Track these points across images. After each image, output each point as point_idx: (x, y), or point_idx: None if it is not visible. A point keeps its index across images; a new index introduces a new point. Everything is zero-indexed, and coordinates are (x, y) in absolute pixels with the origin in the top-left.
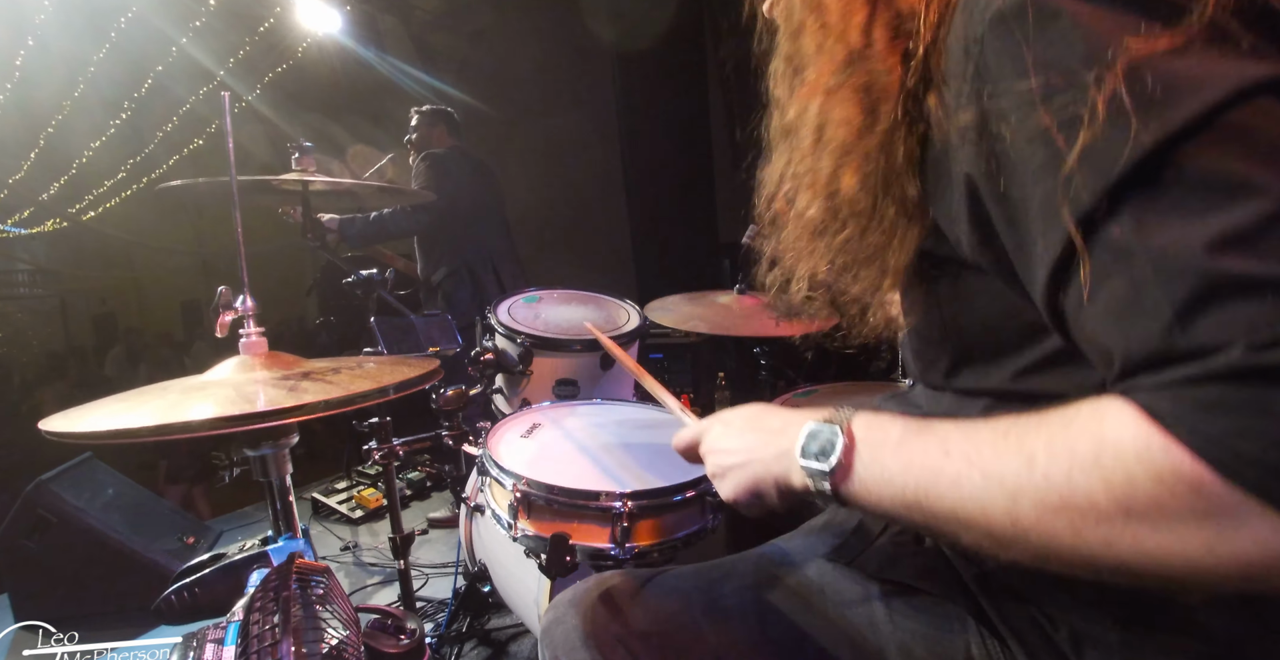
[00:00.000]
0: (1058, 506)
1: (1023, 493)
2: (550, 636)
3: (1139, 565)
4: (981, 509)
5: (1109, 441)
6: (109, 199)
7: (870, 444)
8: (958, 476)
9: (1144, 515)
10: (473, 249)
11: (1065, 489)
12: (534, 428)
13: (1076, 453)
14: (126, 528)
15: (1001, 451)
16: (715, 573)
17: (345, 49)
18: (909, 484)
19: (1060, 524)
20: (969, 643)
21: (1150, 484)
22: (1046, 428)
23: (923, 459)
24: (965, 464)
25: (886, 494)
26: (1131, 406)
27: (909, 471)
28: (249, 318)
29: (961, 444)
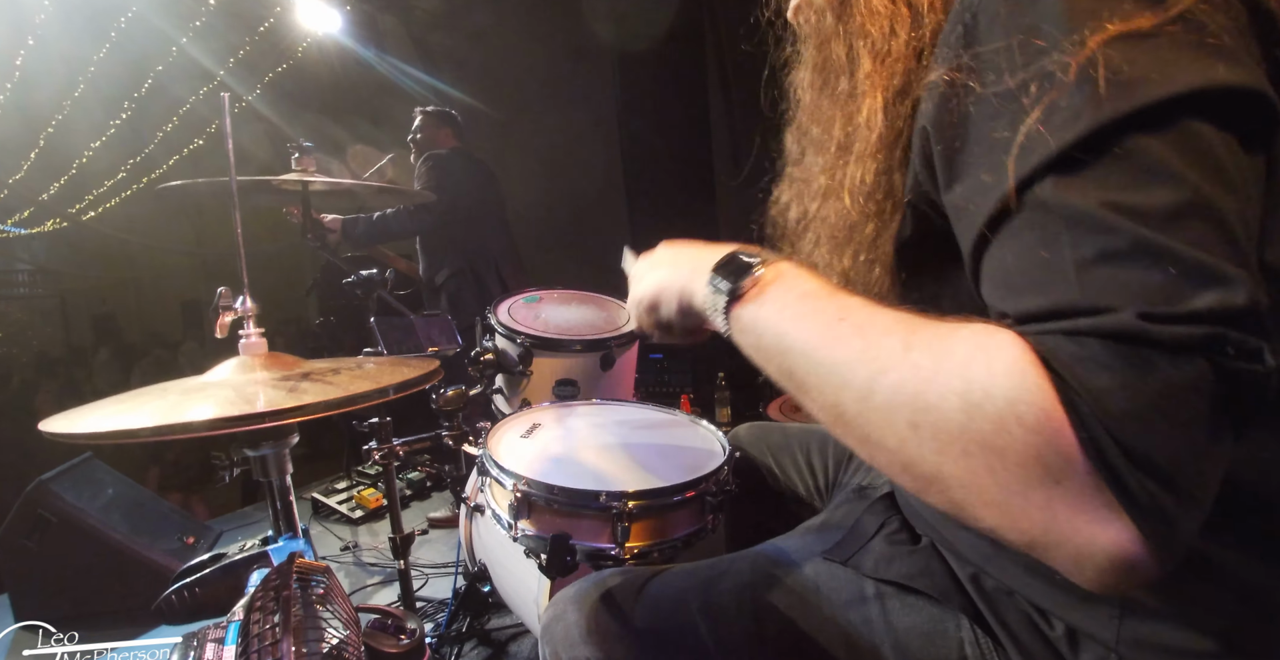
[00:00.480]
0: (909, 397)
1: (885, 374)
2: (551, 633)
3: (948, 485)
4: (842, 377)
5: (984, 356)
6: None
7: (781, 284)
8: (838, 339)
9: (980, 433)
10: (476, 250)
11: (926, 383)
12: (534, 428)
13: (952, 353)
14: (126, 528)
15: (888, 332)
16: (713, 571)
17: (345, 49)
18: (791, 331)
19: (900, 416)
20: (963, 641)
21: (1001, 404)
22: (940, 327)
23: (818, 316)
24: (853, 332)
25: (769, 332)
26: (1020, 339)
27: (798, 320)
28: (248, 318)
29: (860, 315)
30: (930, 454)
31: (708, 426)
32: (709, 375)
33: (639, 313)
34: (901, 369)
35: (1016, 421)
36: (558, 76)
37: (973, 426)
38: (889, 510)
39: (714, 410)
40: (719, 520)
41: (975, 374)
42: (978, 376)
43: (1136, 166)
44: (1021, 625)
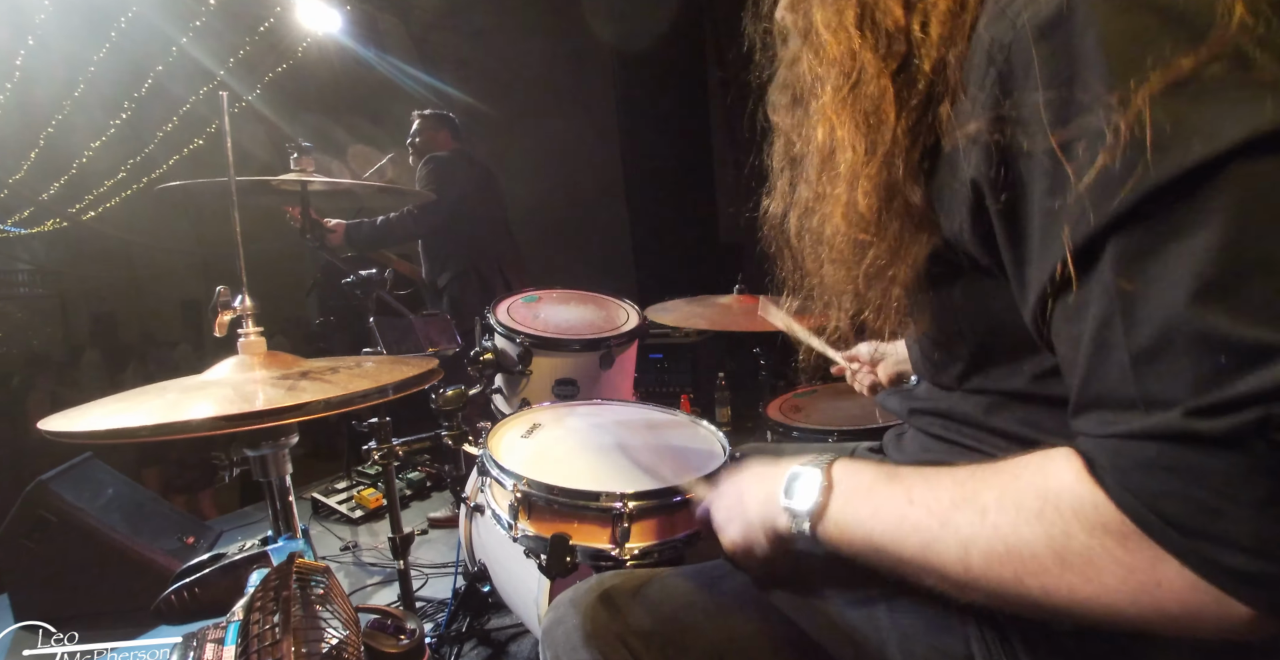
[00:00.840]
0: (1003, 556)
1: (974, 543)
2: (551, 637)
3: (1075, 611)
4: (938, 555)
5: (1051, 495)
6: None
7: (845, 488)
8: (918, 524)
9: (1077, 567)
10: (479, 251)
11: (1012, 540)
12: (534, 428)
13: (1023, 506)
14: (126, 528)
15: (958, 502)
16: (716, 572)
17: (345, 49)
18: (876, 528)
19: (1006, 572)
20: (969, 637)
21: (1084, 537)
22: (999, 479)
23: (889, 505)
24: (925, 513)
25: (857, 536)
26: (1075, 460)
27: (876, 517)
28: (247, 317)
29: (924, 493)
30: (1042, 596)
31: (708, 427)
32: (709, 375)
33: (731, 547)
34: (985, 537)
35: (1102, 551)
36: (558, 77)
37: (1071, 565)
38: None
39: (714, 410)
40: None
41: (1051, 521)
42: (1055, 523)
43: (1186, 234)
44: (1028, 620)
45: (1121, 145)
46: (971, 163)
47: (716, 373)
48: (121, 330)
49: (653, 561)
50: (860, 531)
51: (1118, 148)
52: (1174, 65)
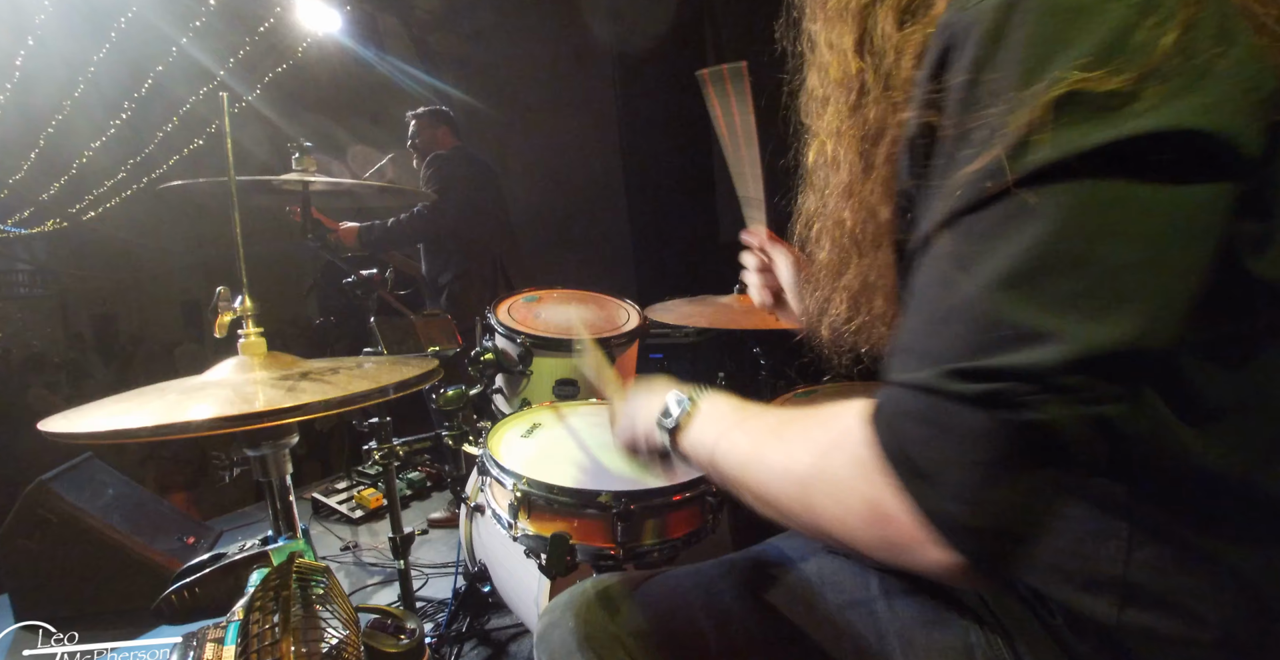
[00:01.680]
0: (784, 478)
1: (772, 466)
2: (547, 642)
3: (828, 532)
4: (751, 475)
5: (835, 429)
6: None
7: (703, 413)
8: (738, 446)
9: (830, 492)
10: (480, 250)
11: (795, 467)
12: (534, 428)
13: (811, 437)
14: (126, 528)
15: (774, 430)
16: (713, 572)
17: (345, 49)
18: (718, 448)
19: (792, 493)
20: (968, 631)
21: (842, 467)
22: (812, 416)
23: (728, 431)
24: (747, 439)
25: (702, 453)
26: (868, 404)
27: (719, 439)
28: (247, 318)
29: (754, 423)
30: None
31: None
32: (709, 375)
33: (622, 445)
34: (779, 459)
35: (850, 478)
36: (558, 76)
37: (826, 490)
38: None
39: None
40: (719, 520)
41: (824, 450)
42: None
43: (1016, 227)
44: (1024, 613)
45: (1004, 139)
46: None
47: (716, 372)
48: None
49: (653, 561)
50: (704, 449)
51: (997, 140)
52: (1074, 77)
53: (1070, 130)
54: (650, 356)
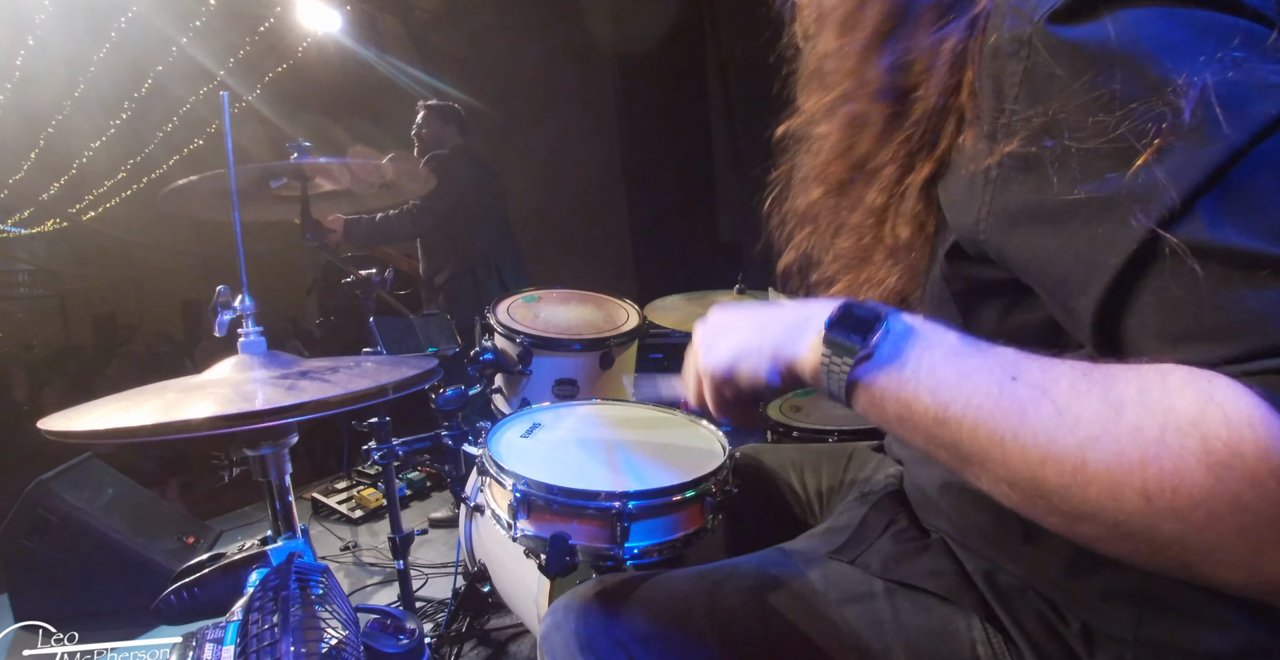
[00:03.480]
0: (1138, 462)
1: (1101, 441)
2: (550, 643)
3: (1188, 548)
4: (1042, 450)
5: (1217, 408)
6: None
7: (920, 340)
8: (1023, 405)
9: (1235, 497)
10: (477, 251)
11: (1157, 446)
12: (534, 428)
13: (1176, 409)
14: (126, 528)
15: (1082, 392)
16: (716, 575)
17: (345, 49)
18: (957, 398)
19: (1134, 481)
20: (974, 641)
21: (1257, 463)
22: (1140, 378)
23: (984, 376)
24: (1038, 393)
25: (921, 403)
26: (1235, 382)
27: (962, 384)
28: (248, 317)
29: (1034, 373)
30: (1167, 523)
31: (707, 426)
32: None
33: (703, 384)
34: (1118, 434)
35: (1271, 475)
36: (558, 77)
37: (1222, 488)
38: (896, 507)
39: None
40: (719, 520)
41: (1213, 430)
42: (1217, 433)
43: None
44: (1035, 623)
45: (1190, 119)
46: (997, 161)
47: None
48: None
49: (653, 561)
50: (931, 398)
51: (1185, 123)
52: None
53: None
54: (650, 356)
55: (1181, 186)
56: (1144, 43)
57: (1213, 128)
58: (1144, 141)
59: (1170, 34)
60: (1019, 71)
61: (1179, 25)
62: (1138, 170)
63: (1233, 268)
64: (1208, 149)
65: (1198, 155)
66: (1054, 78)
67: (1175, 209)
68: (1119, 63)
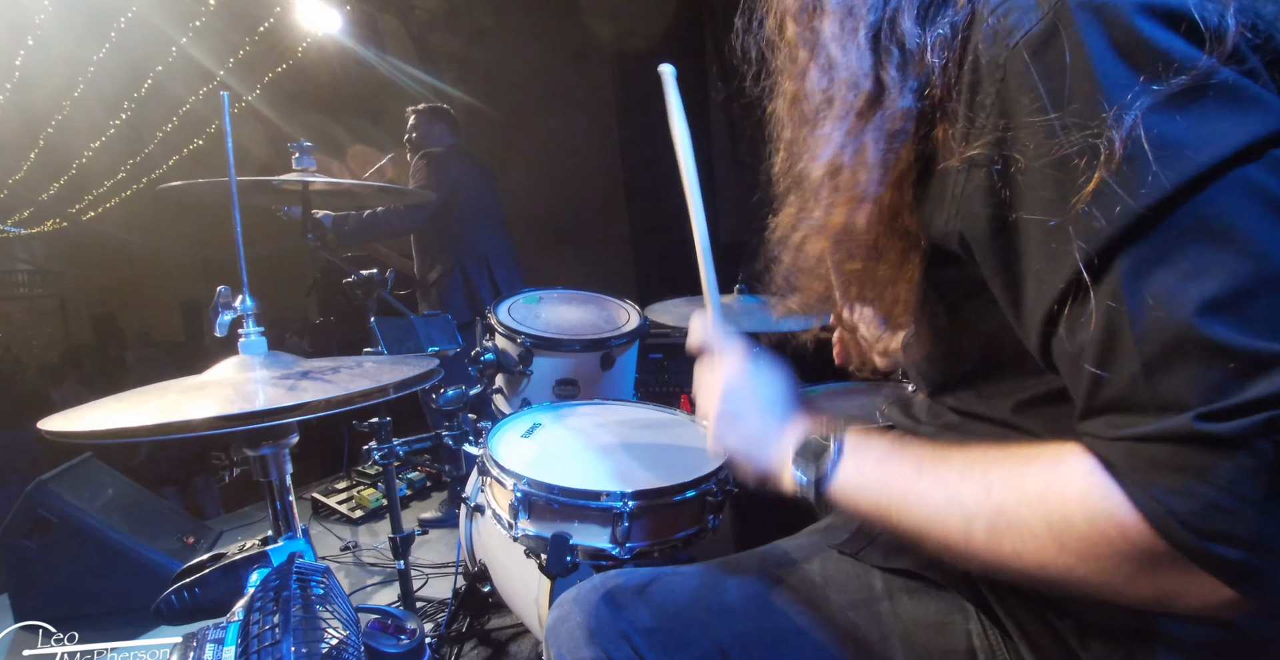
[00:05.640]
0: (1003, 532)
1: (978, 517)
2: (555, 634)
3: (1069, 586)
4: (942, 525)
5: (1057, 483)
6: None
7: (855, 457)
8: (924, 495)
9: (1075, 550)
10: (468, 248)
11: (1013, 519)
12: (534, 428)
13: (1027, 489)
14: (126, 528)
15: (965, 478)
16: (720, 570)
17: (345, 49)
18: (883, 496)
19: (1005, 547)
20: (971, 632)
21: (1083, 525)
22: (1009, 462)
23: (897, 476)
24: (932, 485)
25: (864, 501)
26: (1087, 455)
27: (884, 485)
28: (248, 317)
29: (933, 467)
30: (1038, 570)
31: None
32: None
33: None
34: (988, 513)
35: (1101, 538)
36: (558, 77)
37: (1068, 548)
38: None
39: None
40: (719, 520)
41: (1053, 507)
42: (1056, 508)
43: (1194, 245)
44: (1030, 617)
45: (1118, 159)
46: (970, 181)
47: None
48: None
49: (653, 561)
50: (867, 497)
51: (1114, 162)
52: (1171, 81)
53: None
54: (650, 356)
55: (1107, 230)
56: (1097, 77)
57: (1143, 172)
58: (1084, 175)
59: (1119, 69)
60: (992, 92)
61: (1133, 60)
62: (1077, 202)
63: (1127, 322)
64: (1137, 195)
65: (1125, 200)
66: (1018, 101)
67: (1100, 251)
68: (1071, 93)
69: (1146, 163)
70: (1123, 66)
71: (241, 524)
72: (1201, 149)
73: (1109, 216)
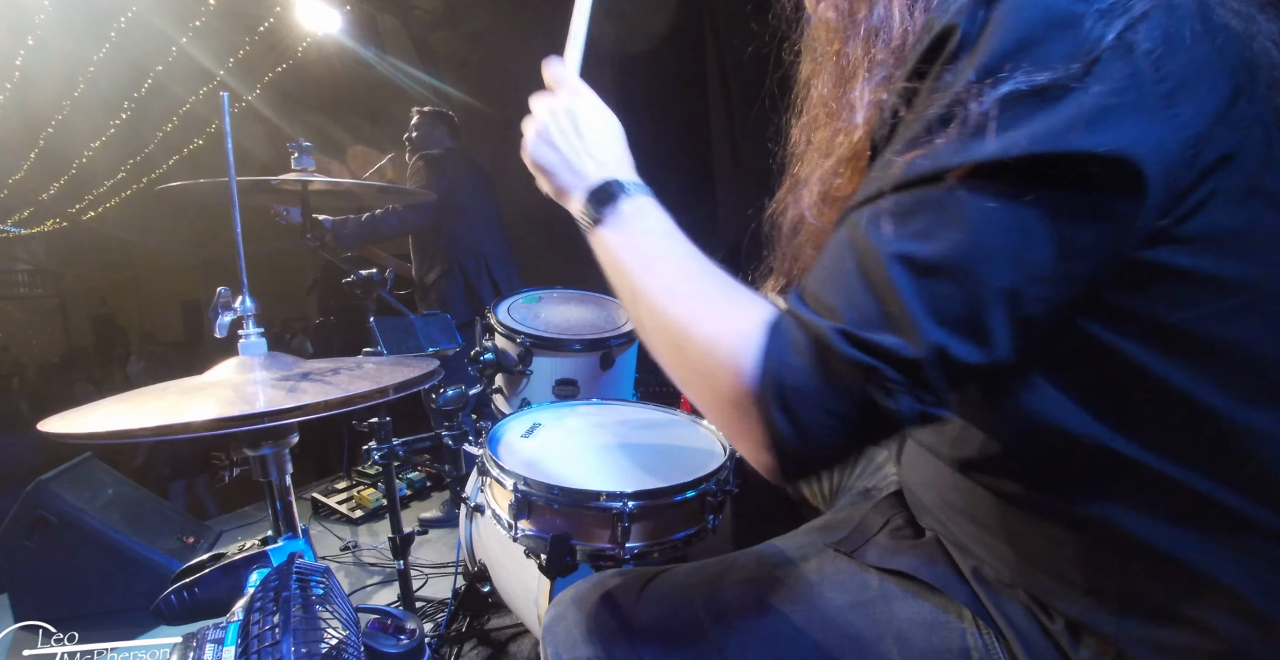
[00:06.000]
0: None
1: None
2: (553, 633)
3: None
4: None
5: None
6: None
7: (634, 219)
8: (648, 273)
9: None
10: (466, 250)
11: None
12: (534, 428)
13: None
14: (126, 528)
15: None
16: (716, 569)
17: (345, 49)
18: (626, 259)
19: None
20: (965, 632)
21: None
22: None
23: (645, 249)
24: (662, 269)
25: (613, 254)
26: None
27: (631, 250)
28: (248, 318)
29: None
30: (677, 369)
31: (708, 426)
32: None
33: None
34: (676, 312)
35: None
36: None
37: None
38: (895, 507)
39: None
40: (719, 520)
41: (721, 332)
42: (722, 334)
43: (939, 218)
44: (1022, 617)
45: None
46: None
47: None
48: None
49: (652, 561)
50: (616, 254)
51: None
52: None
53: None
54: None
55: (895, 178)
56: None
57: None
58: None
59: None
60: (921, 49)
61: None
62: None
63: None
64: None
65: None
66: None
67: (878, 191)
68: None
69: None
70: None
71: (241, 524)
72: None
73: (904, 168)
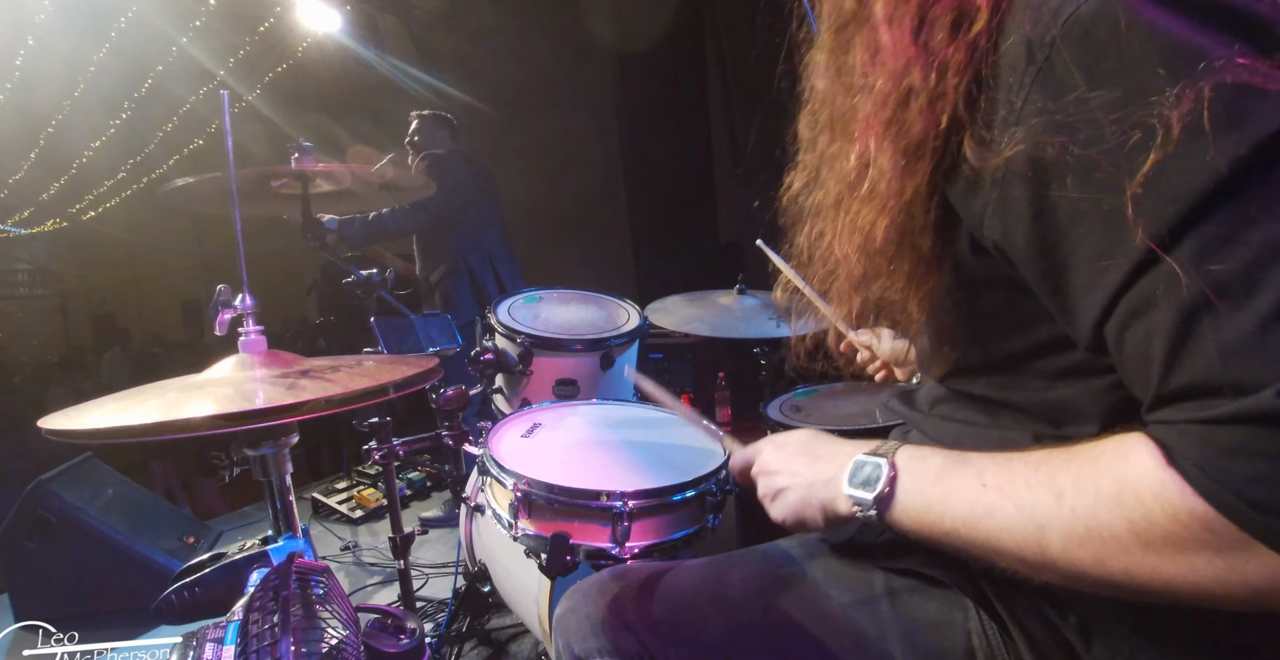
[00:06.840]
0: (1083, 538)
1: (1051, 525)
2: (564, 624)
3: (1157, 591)
4: (1014, 538)
5: (1130, 480)
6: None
7: (912, 474)
8: (991, 507)
9: (1160, 549)
10: (471, 248)
11: (1090, 523)
12: (534, 427)
13: (1101, 490)
14: (126, 528)
15: (1033, 485)
16: (723, 565)
17: (345, 49)
18: (947, 513)
19: (1085, 554)
20: (970, 632)
21: (1166, 522)
22: (1075, 464)
23: (960, 490)
24: (999, 496)
25: (926, 521)
26: (1154, 448)
27: (947, 501)
28: (248, 316)
29: (996, 476)
30: (1123, 576)
31: (707, 426)
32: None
33: (782, 519)
34: (1062, 519)
35: (1186, 533)
36: (558, 77)
37: (1153, 546)
38: None
39: (714, 410)
40: (719, 520)
41: (1130, 506)
42: (1134, 507)
43: (1263, 218)
44: (1032, 616)
45: (1181, 136)
46: (1009, 169)
47: (716, 372)
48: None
49: (653, 560)
50: (930, 517)
51: (1176, 141)
52: (1232, 58)
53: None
54: (650, 356)
55: (1171, 210)
56: (1151, 51)
57: (1201, 147)
58: (1141, 156)
59: (1175, 41)
60: (1033, 73)
61: (1186, 32)
62: (1136, 183)
63: (1200, 302)
64: (1198, 172)
65: (1188, 178)
66: (1065, 83)
67: (1166, 231)
68: (1127, 70)
69: (1204, 141)
70: (1183, 42)
71: (241, 524)
72: (1259, 122)
73: (1174, 197)
